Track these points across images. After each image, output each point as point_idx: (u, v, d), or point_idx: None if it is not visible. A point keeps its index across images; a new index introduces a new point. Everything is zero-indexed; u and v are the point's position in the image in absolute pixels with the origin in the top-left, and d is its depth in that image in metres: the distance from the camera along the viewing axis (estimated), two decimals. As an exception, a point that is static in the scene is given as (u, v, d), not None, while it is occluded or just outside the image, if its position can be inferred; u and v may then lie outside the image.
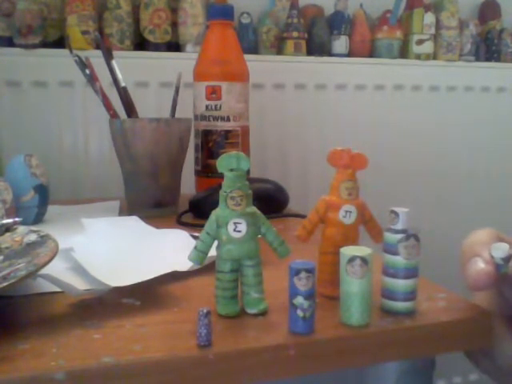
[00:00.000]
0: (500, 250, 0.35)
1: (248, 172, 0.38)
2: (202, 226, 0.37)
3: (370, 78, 1.05)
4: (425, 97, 1.09)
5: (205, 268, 0.43)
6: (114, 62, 0.72)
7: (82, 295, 0.39)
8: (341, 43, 1.03)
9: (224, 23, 0.76)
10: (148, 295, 0.41)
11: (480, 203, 1.16)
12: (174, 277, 0.43)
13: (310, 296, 0.33)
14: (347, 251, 0.35)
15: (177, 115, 0.75)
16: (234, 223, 0.35)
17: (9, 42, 0.86)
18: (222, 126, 0.76)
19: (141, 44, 0.94)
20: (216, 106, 0.75)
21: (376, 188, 1.05)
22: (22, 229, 0.46)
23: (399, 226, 0.36)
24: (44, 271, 0.38)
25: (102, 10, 0.91)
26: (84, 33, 0.88)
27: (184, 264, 0.42)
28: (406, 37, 1.08)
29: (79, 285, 0.40)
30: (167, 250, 0.50)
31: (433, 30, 1.08)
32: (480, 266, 0.35)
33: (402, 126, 1.08)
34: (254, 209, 0.37)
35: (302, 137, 1.02)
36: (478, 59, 1.13)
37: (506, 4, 1.16)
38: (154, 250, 0.50)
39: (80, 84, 0.87)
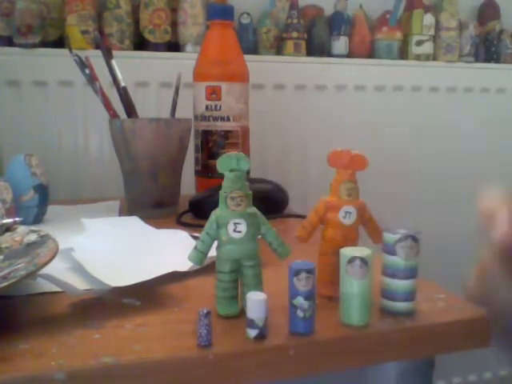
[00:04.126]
0: None
1: (248, 172, 0.38)
2: (202, 226, 0.37)
3: (369, 79, 1.05)
4: (424, 98, 1.09)
5: (205, 268, 0.43)
6: (113, 62, 0.72)
7: (82, 295, 0.39)
8: (340, 44, 1.03)
9: (224, 23, 0.76)
10: (148, 295, 0.41)
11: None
12: (174, 277, 0.43)
13: (309, 296, 0.33)
14: (347, 252, 0.35)
15: (177, 115, 0.75)
16: (234, 223, 0.35)
17: (8, 42, 0.86)
18: (221, 126, 0.76)
19: (141, 44, 0.94)
20: (216, 106, 0.75)
21: (376, 189, 1.05)
22: (21, 229, 0.46)
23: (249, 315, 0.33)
24: (44, 271, 0.38)
25: (101, 10, 0.91)
26: (84, 32, 0.88)
27: (184, 264, 0.42)
28: (405, 38, 1.08)
29: (79, 285, 0.41)
30: (167, 250, 0.50)
31: (432, 31, 1.08)
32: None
33: (402, 127, 1.08)
34: (254, 209, 0.37)
35: (302, 137, 1.02)
36: (477, 60, 1.13)
37: (505, 5, 1.16)
38: (154, 250, 0.50)
39: (80, 84, 0.87)
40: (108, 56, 0.72)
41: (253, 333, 0.33)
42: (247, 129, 0.79)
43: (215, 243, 0.37)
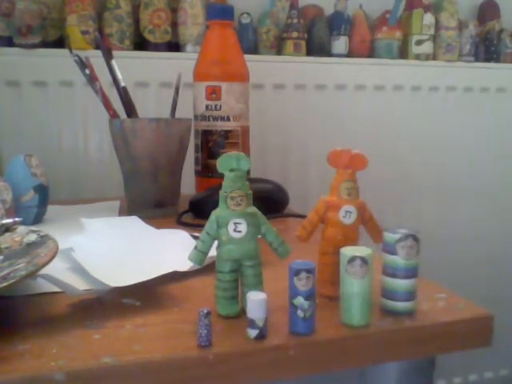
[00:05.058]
0: None
1: (248, 172, 0.38)
2: (202, 226, 0.37)
3: (369, 79, 1.05)
4: (424, 97, 1.09)
5: (205, 268, 0.43)
6: (113, 62, 0.72)
7: (82, 295, 0.39)
8: (340, 43, 1.03)
9: (224, 23, 0.76)
10: (148, 295, 0.41)
11: (480, 203, 1.16)
12: (174, 277, 0.43)
13: (310, 296, 0.33)
14: (347, 251, 0.35)
15: (177, 115, 0.75)
16: (234, 223, 0.35)
17: (9, 42, 0.86)
18: (221, 126, 0.76)
19: (141, 44, 0.94)
20: (216, 106, 0.75)
21: (376, 187, 1.05)
22: (21, 229, 0.46)
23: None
24: (44, 271, 0.38)
25: (101, 10, 0.91)
26: (84, 33, 0.88)
27: (184, 264, 0.42)
28: (405, 37, 1.08)
29: (79, 285, 0.40)
30: (167, 250, 0.50)
31: (432, 31, 1.08)
32: None
33: (402, 126, 1.08)
34: (254, 209, 0.37)
35: (302, 137, 1.02)
36: (477, 60, 1.13)
37: (505, 4, 1.16)
38: (154, 250, 0.50)
39: (80, 84, 0.87)
40: (108, 56, 0.71)
41: (253, 333, 0.33)
42: (247, 128, 0.79)
43: (215, 243, 0.37)
